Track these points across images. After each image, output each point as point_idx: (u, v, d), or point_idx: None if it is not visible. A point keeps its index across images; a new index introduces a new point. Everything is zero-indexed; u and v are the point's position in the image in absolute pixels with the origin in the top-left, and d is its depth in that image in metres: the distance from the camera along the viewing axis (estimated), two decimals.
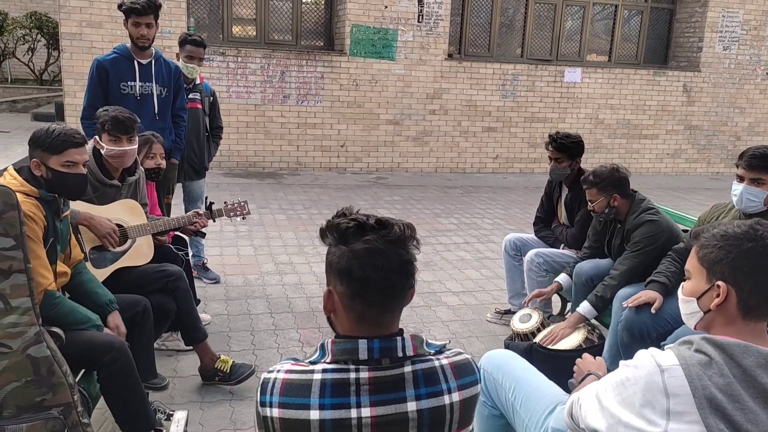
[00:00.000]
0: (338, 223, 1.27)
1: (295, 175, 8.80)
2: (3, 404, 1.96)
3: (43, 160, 2.29)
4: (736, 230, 1.40)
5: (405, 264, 1.26)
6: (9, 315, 1.96)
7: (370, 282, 1.23)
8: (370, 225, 1.26)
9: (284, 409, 1.23)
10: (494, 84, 9.66)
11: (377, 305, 1.26)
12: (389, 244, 1.24)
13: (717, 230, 1.43)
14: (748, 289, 1.36)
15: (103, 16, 7.77)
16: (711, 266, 1.42)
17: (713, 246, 1.42)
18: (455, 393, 1.30)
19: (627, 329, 2.83)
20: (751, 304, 1.37)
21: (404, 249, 1.27)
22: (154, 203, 3.57)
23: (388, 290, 1.25)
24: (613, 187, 3.18)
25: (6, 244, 1.94)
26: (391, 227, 1.26)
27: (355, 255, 1.23)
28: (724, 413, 1.21)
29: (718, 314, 1.42)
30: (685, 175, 10.93)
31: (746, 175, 2.68)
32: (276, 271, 4.85)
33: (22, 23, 13.14)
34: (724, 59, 10.63)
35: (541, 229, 4.06)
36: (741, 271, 1.37)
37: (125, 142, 2.94)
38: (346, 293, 1.26)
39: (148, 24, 3.76)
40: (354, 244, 1.24)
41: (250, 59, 8.57)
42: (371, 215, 1.30)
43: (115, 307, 2.54)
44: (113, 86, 3.78)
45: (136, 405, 2.37)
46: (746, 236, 1.38)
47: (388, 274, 1.23)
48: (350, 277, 1.24)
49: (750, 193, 2.67)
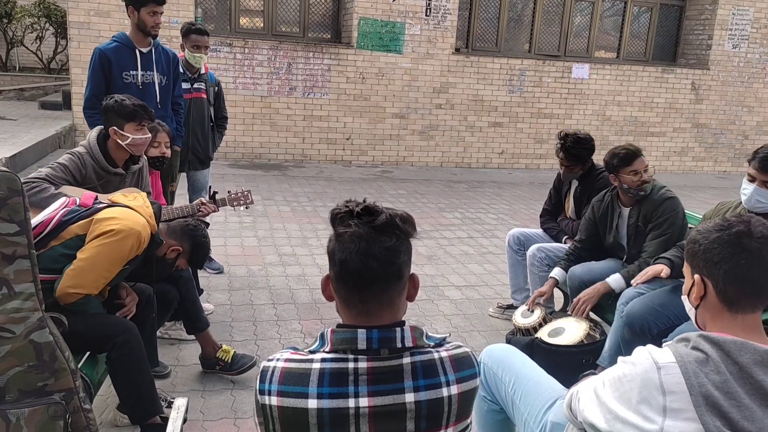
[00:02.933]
0: (336, 211, 1.31)
1: (301, 167, 8.81)
2: (5, 389, 1.97)
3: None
4: (714, 224, 1.41)
5: (387, 251, 1.25)
6: (12, 300, 1.96)
7: (348, 265, 1.25)
8: (356, 212, 1.27)
9: (283, 398, 1.23)
10: (501, 79, 9.63)
11: (357, 291, 1.28)
12: (373, 230, 1.25)
13: (702, 226, 1.45)
14: (721, 278, 1.37)
15: (111, 5, 7.78)
16: (691, 261, 1.45)
17: (692, 241, 1.44)
18: (454, 386, 1.30)
19: (628, 325, 2.83)
20: (731, 295, 1.37)
21: (389, 236, 1.26)
22: (159, 192, 3.58)
23: (365, 274, 1.25)
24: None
25: (10, 229, 1.95)
26: (378, 214, 1.27)
27: (338, 239, 1.27)
28: (720, 410, 1.21)
29: (705, 309, 1.44)
30: (692, 173, 10.89)
31: (758, 177, 2.66)
32: (279, 262, 4.86)
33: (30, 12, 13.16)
34: (733, 57, 10.56)
35: (546, 221, 4.06)
36: (711, 261, 1.38)
37: (146, 130, 2.97)
38: (333, 278, 1.31)
39: (162, 13, 3.78)
40: (344, 232, 1.27)
41: (257, 51, 8.57)
42: (374, 205, 1.31)
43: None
44: (116, 75, 3.76)
45: (145, 388, 2.40)
46: (716, 227, 1.40)
47: (365, 258, 1.24)
48: (333, 260, 1.28)
49: (760, 195, 2.66)
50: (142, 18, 3.74)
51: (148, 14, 3.73)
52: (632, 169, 3.17)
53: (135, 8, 3.73)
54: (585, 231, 3.48)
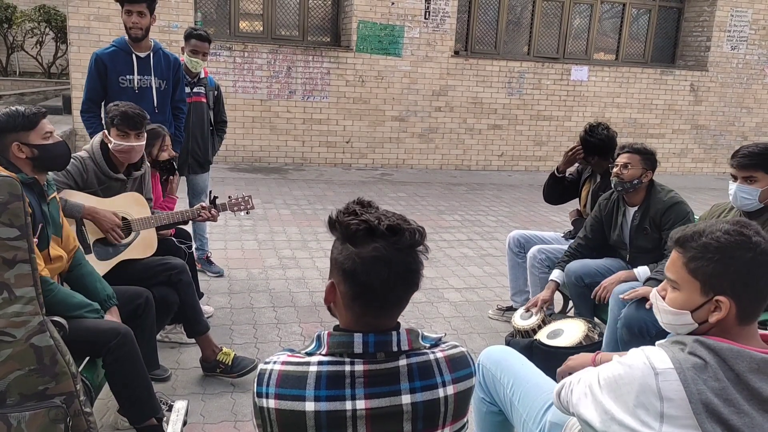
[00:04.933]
0: (348, 223, 1.23)
1: (300, 170, 8.82)
2: (6, 392, 1.98)
3: (22, 140, 2.29)
4: (728, 239, 1.34)
5: (411, 273, 1.25)
6: (13, 304, 1.98)
7: (373, 289, 1.23)
8: (381, 231, 1.22)
9: (280, 400, 1.24)
10: (500, 81, 9.65)
11: (377, 309, 1.27)
12: (398, 252, 1.22)
13: (707, 240, 1.36)
14: (748, 299, 1.34)
15: (111, 9, 7.80)
16: (708, 280, 1.36)
17: (708, 259, 1.35)
18: (450, 386, 1.31)
19: (626, 326, 2.84)
20: (749, 312, 1.35)
21: (413, 257, 1.24)
22: (158, 197, 3.59)
23: (390, 297, 1.25)
24: (651, 165, 3.22)
25: (11, 234, 1.96)
26: (402, 234, 1.22)
27: (361, 260, 1.21)
28: (720, 417, 1.21)
29: (716, 326, 1.38)
30: (691, 174, 10.90)
31: (738, 174, 2.70)
32: (279, 265, 4.87)
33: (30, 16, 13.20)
34: (732, 59, 10.57)
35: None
36: (741, 283, 1.33)
37: (133, 138, 2.96)
38: (347, 294, 1.26)
39: (139, 12, 3.71)
40: (361, 249, 1.22)
41: (257, 54, 8.59)
42: (384, 216, 1.25)
43: (114, 302, 2.55)
44: (112, 80, 3.77)
45: (141, 391, 2.39)
46: (742, 246, 1.33)
47: (392, 283, 1.23)
48: (353, 281, 1.23)
49: (743, 191, 2.69)
50: (123, 20, 3.77)
51: (125, 14, 3.74)
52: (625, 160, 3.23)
53: (121, 11, 3.76)
54: (590, 228, 3.49)
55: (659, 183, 3.30)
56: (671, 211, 3.14)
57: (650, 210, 3.21)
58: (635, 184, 3.21)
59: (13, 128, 2.28)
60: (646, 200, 3.24)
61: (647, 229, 3.22)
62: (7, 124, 2.28)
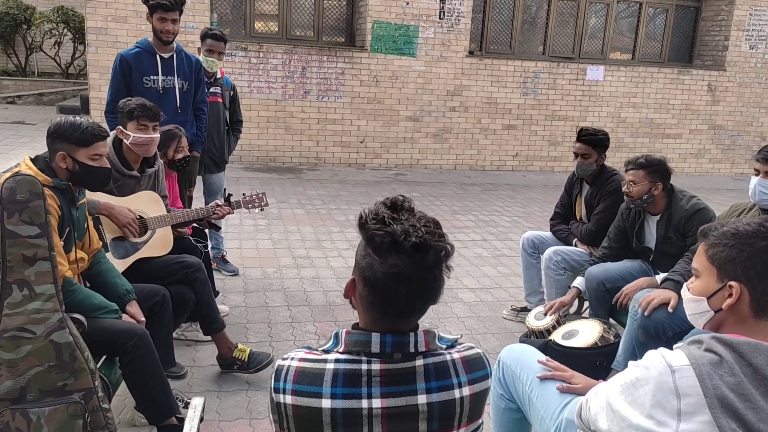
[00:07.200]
0: (374, 233, 1.21)
1: (315, 170, 8.85)
2: (26, 388, 2.01)
3: (71, 153, 2.32)
4: (747, 228, 1.38)
5: (431, 291, 1.25)
6: (33, 301, 2.01)
7: (390, 301, 1.23)
8: (405, 248, 1.18)
9: (297, 397, 1.25)
10: (515, 81, 9.61)
11: (393, 317, 1.27)
12: (419, 269, 1.20)
13: (727, 228, 1.40)
14: (762, 288, 1.35)
15: (129, 10, 7.88)
16: (722, 265, 1.40)
17: (724, 245, 1.39)
18: (466, 387, 1.31)
19: (643, 328, 2.82)
20: (764, 304, 1.36)
21: (434, 275, 1.23)
22: (176, 196, 3.62)
23: (406, 310, 1.26)
24: (660, 175, 3.16)
25: (31, 232, 2.00)
26: (427, 252, 1.19)
27: (383, 272, 1.20)
28: (735, 412, 1.21)
29: (730, 314, 1.40)
30: (709, 175, 10.79)
31: (762, 168, 2.68)
32: (294, 264, 4.89)
33: (49, 17, 13.37)
34: (750, 58, 10.45)
35: (556, 224, 4.05)
36: (755, 270, 1.35)
37: (151, 130, 3.01)
38: (366, 298, 1.26)
39: (173, 20, 3.82)
40: (383, 260, 1.20)
41: (272, 55, 8.63)
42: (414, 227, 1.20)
43: (133, 296, 2.58)
44: (136, 81, 3.83)
45: (158, 391, 2.42)
46: (758, 234, 1.36)
47: (412, 300, 1.23)
48: (372, 289, 1.23)
49: (763, 186, 2.67)
50: (154, 24, 3.83)
51: (157, 20, 3.81)
52: (631, 178, 3.21)
53: (150, 14, 3.81)
54: (614, 237, 3.46)
55: (679, 189, 3.24)
56: (695, 218, 3.09)
57: (673, 218, 3.17)
58: (646, 199, 3.19)
59: (67, 138, 2.32)
60: (668, 208, 3.20)
61: (672, 238, 3.19)
62: (64, 132, 2.32)
